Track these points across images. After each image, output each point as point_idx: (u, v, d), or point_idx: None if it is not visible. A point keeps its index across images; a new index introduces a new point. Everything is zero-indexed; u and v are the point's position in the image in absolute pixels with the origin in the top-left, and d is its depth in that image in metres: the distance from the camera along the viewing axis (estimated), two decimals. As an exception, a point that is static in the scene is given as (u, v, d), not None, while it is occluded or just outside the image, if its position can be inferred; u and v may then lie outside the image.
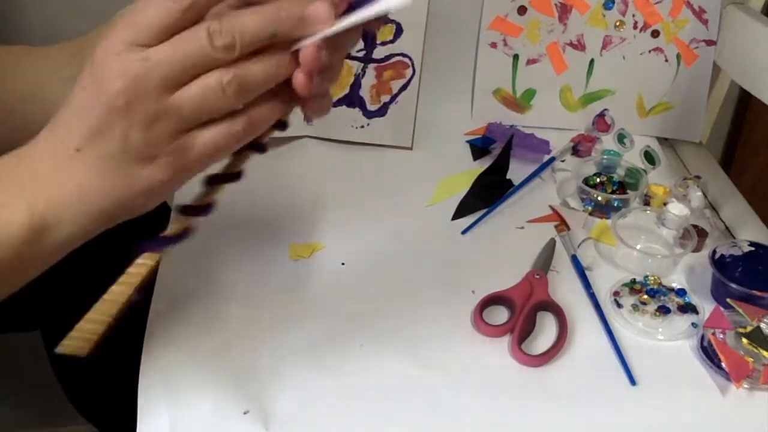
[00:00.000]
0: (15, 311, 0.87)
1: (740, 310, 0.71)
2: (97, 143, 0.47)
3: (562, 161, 0.98)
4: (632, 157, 0.96)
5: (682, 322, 0.74)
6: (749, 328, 0.69)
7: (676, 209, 0.84)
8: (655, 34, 1.01)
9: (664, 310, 0.74)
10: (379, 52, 0.97)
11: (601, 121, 1.02)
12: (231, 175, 0.52)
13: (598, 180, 0.91)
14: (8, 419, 1.38)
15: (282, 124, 0.52)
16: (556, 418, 0.64)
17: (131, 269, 0.51)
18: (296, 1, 0.47)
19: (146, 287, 0.51)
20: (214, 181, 0.52)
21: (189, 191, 0.53)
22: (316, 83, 0.49)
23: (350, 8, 0.48)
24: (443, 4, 0.99)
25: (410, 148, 0.99)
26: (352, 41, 0.52)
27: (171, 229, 0.52)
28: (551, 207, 0.90)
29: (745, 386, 0.67)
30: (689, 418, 0.65)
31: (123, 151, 0.47)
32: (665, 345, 0.72)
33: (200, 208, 0.52)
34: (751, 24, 0.95)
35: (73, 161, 0.47)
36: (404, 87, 0.98)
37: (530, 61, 1.03)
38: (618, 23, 1.01)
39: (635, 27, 1.01)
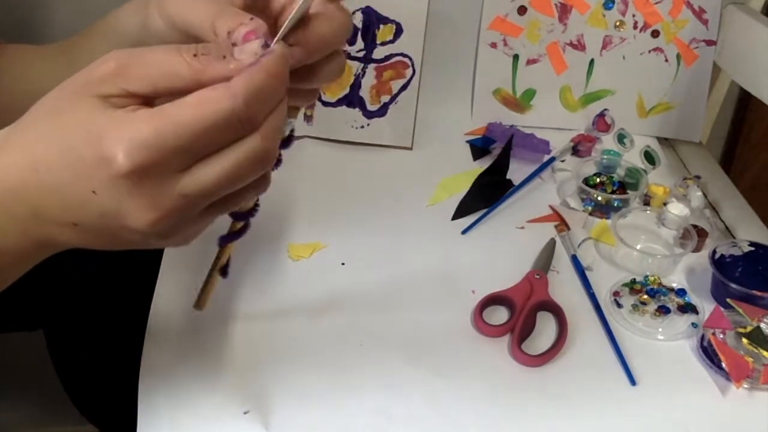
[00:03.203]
0: (17, 310, 0.87)
1: (740, 310, 0.71)
2: (100, 222, 0.42)
3: (562, 161, 0.97)
4: (632, 157, 0.96)
5: (682, 322, 0.74)
6: (749, 328, 0.69)
7: (676, 209, 0.84)
8: (655, 34, 1.01)
9: (664, 310, 0.74)
10: (379, 52, 0.97)
11: (601, 121, 1.02)
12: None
13: (598, 180, 0.91)
14: (8, 419, 1.38)
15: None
16: (556, 418, 0.64)
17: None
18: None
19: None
20: None
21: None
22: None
23: None
24: (443, 4, 0.99)
25: (410, 148, 0.99)
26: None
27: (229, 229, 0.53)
28: (551, 207, 0.90)
29: (745, 386, 0.67)
30: (689, 418, 0.64)
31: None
32: (665, 345, 0.72)
33: (245, 213, 0.53)
34: (751, 24, 0.95)
35: (70, 228, 0.43)
36: (404, 87, 0.98)
37: (530, 61, 1.03)
38: (618, 23, 1.01)
39: (635, 27, 1.01)
